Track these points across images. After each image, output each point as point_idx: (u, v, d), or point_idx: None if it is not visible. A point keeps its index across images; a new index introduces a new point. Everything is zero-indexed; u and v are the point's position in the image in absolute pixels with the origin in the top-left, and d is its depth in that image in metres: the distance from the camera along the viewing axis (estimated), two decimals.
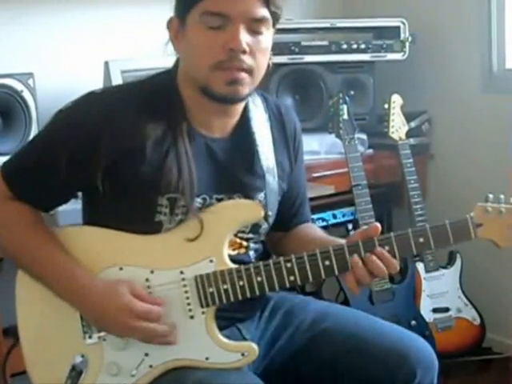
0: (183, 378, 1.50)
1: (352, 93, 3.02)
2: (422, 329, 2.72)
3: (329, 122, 2.73)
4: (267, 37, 1.55)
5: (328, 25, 3.06)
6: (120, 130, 1.51)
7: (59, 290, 1.53)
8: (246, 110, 1.65)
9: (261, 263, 1.53)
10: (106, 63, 2.58)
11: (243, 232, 1.62)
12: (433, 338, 2.74)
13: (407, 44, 3.04)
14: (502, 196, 1.55)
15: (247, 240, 1.64)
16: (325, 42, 3.03)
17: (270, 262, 1.53)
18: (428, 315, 2.80)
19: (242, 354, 1.53)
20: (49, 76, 2.63)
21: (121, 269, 1.53)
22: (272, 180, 1.65)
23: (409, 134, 2.89)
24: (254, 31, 1.51)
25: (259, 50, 1.53)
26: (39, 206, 1.60)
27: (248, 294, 1.53)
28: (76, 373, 1.52)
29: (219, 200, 1.59)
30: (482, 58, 3.02)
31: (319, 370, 1.65)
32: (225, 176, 1.60)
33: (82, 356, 1.54)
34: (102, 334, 1.53)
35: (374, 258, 1.50)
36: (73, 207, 1.66)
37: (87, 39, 2.79)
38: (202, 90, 1.54)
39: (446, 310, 2.85)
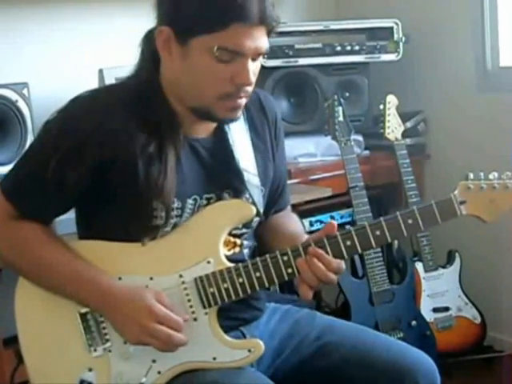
0: (192, 381, 1.51)
1: (347, 94, 3.04)
2: (423, 329, 2.73)
3: (324, 124, 2.73)
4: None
5: (321, 27, 3.06)
6: (109, 135, 1.50)
7: (82, 297, 1.52)
8: None
9: (258, 259, 1.54)
10: (101, 71, 2.59)
11: (237, 228, 1.63)
12: (434, 337, 2.74)
13: (401, 44, 3.05)
14: (481, 173, 1.59)
15: (240, 236, 1.65)
16: (319, 45, 3.04)
17: (267, 256, 1.54)
18: (428, 315, 2.80)
19: (249, 351, 1.54)
20: (43, 85, 2.63)
21: (120, 278, 1.54)
22: (252, 178, 1.65)
23: (405, 135, 2.90)
24: (255, 59, 1.53)
25: (256, 73, 1.56)
26: (42, 218, 1.58)
27: (249, 291, 1.54)
28: None
29: (208, 199, 1.60)
30: (475, 57, 3.02)
31: (323, 381, 1.67)
32: (211, 175, 1.61)
33: (90, 370, 1.53)
34: (107, 345, 1.53)
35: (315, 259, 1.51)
36: (70, 217, 1.66)
37: (81, 48, 2.79)
38: (197, 111, 1.55)
39: (447, 309, 2.86)
